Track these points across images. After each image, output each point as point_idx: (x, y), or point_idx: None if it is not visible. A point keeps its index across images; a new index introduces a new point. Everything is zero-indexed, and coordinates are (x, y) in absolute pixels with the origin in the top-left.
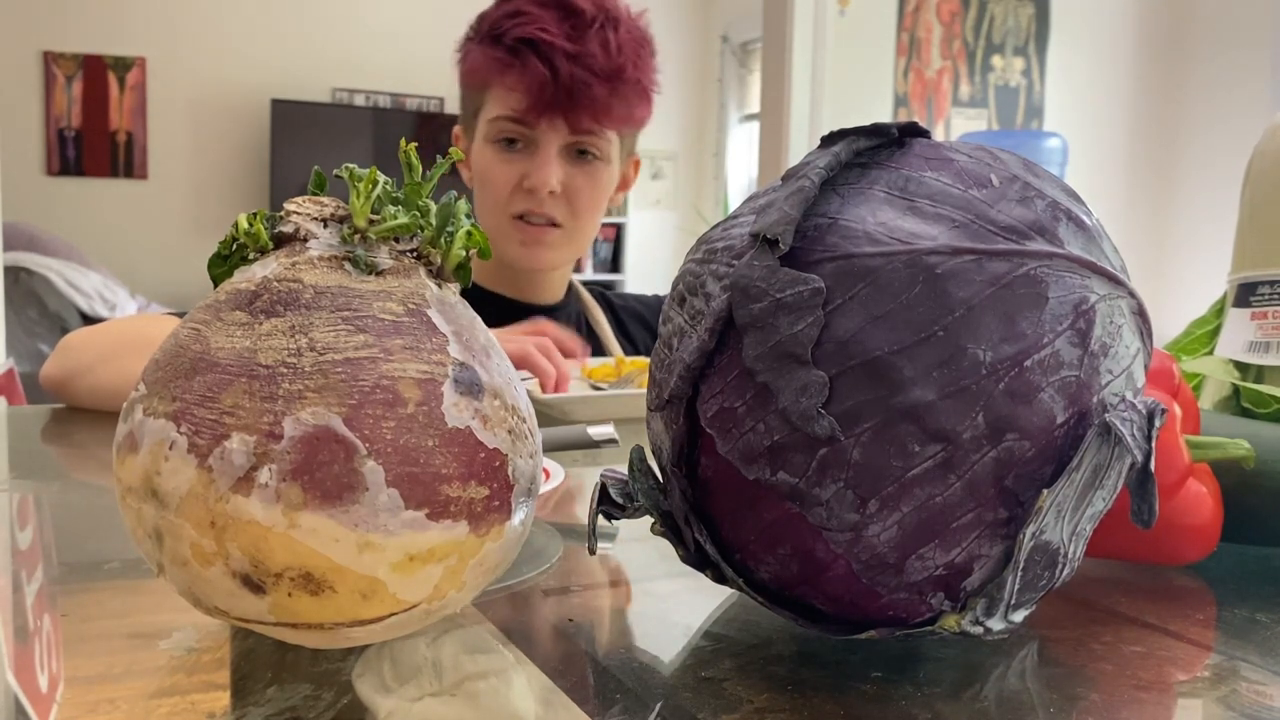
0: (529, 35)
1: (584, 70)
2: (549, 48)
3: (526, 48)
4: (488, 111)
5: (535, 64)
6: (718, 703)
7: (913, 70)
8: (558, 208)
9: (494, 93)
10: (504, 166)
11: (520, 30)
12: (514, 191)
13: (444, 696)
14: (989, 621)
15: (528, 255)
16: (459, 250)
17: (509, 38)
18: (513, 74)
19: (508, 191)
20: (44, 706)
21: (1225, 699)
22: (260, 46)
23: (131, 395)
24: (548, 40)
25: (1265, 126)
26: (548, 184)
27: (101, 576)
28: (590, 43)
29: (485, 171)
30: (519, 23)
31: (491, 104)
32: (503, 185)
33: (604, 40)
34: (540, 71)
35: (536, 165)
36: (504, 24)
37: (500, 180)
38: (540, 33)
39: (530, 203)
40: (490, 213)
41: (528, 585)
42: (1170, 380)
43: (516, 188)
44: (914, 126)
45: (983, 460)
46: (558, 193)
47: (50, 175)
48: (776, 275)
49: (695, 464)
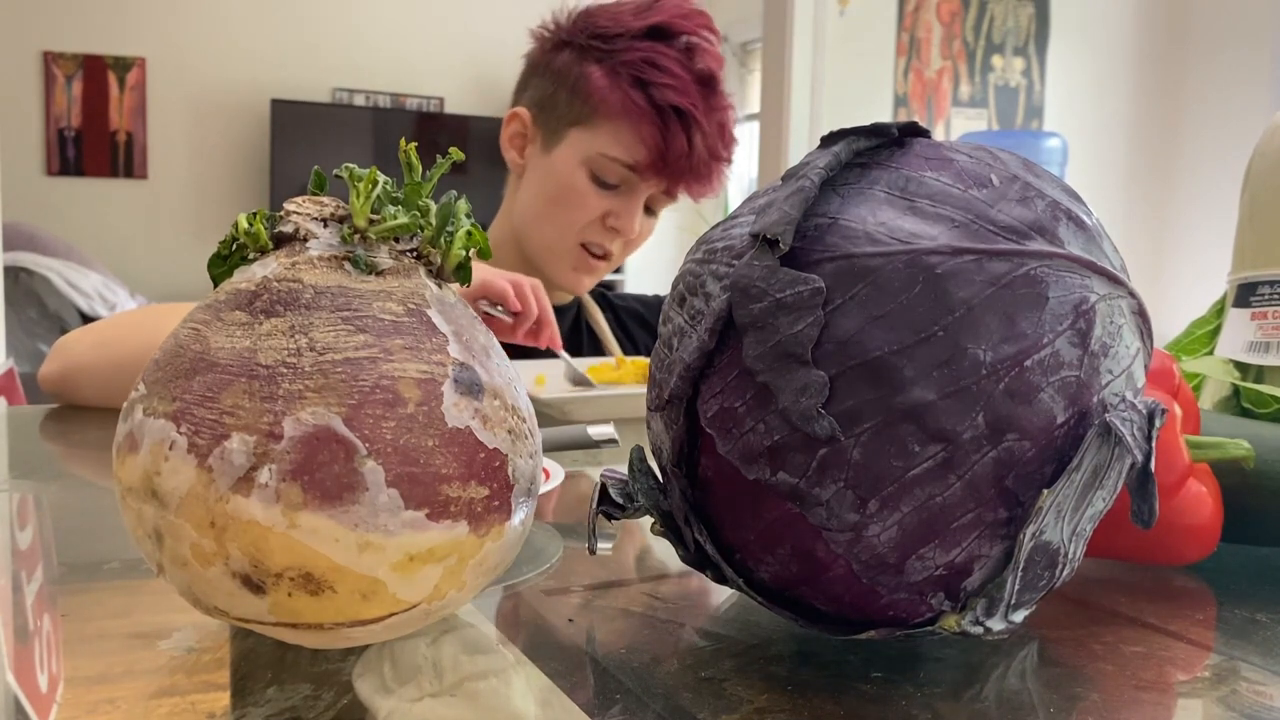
0: (682, 106)
1: (708, 152)
2: (694, 123)
3: (672, 113)
4: (598, 139)
5: (678, 134)
6: (718, 703)
7: (913, 70)
8: (615, 243)
9: (614, 129)
10: (597, 199)
11: (673, 97)
12: (594, 222)
13: (444, 697)
14: (989, 621)
15: (575, 280)
16: (459, 250)
17: (657, 95)
18: (649, 129)
19: (589, 222)
20: (44, 706)
21: (1225, 699)
22: (260, 46)
23: (131, 395)
24: (695, 116)
25: (1265, 126)
26: (633, 231)
27: (101, 576)
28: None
29: (573, 194)
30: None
31: (606, 137)
32: (590, 214)
33: (724, 122)
34: (681, 145)
35: (627, 209)
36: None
37: (590, 210)
38: (690, 105)
39: (603, 237)
40: (557, 230)
41: (528, 585)
42: (1170, 380)
43: (599, 221)
44: (914, 126)
45: (983, 460)
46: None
47: (50, 175)
48: (776, 275)
49: (695, 464)
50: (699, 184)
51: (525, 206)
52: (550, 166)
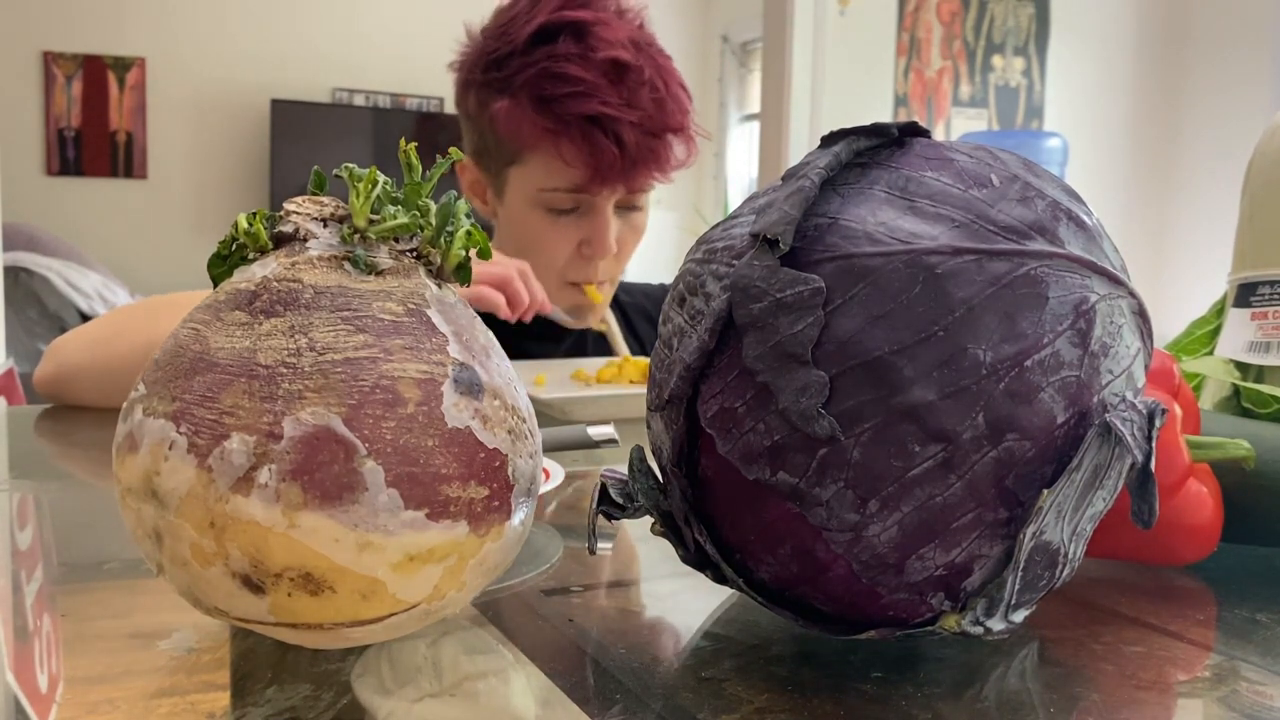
0: (592, 113)
1: (646, 135)
2: (614, 122)
3: (589, 124)
4: (533, 177)
5: (601, 141)
6: (718, 703)
7: (913, 70)
8: (608, 263)
9: (542, 158)
10: (559, 233)
11: (580, 107)
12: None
13: (443, 697)
14: (989, 621)
15: (582, 317)
16: (459, 250)
17: (564, 111)
18: (571, 149)
19: (564, 258)
20: (44, 706)
21: (1225, 699)
22: (260, 46)
23: (131, 395)
24: (612, 115)
25: (1265, 126)
26: (610, 249)
27: (101, 576)
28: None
29: (536, 239)
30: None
31: (538, 170)
32: (560, 253)
33: (657, 97)
34: (609, 150)
35: (596, 231)
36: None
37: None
38: (602, 108)
39: (588, 271)
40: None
41: (528, 585)
42: (1170, 380)
43: (574, 253)
44: (914, 126)
45: (983, 460)
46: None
47: (50, 175)
48: (776, 275)
49: (695, 464)
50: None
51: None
52: (508, 216)
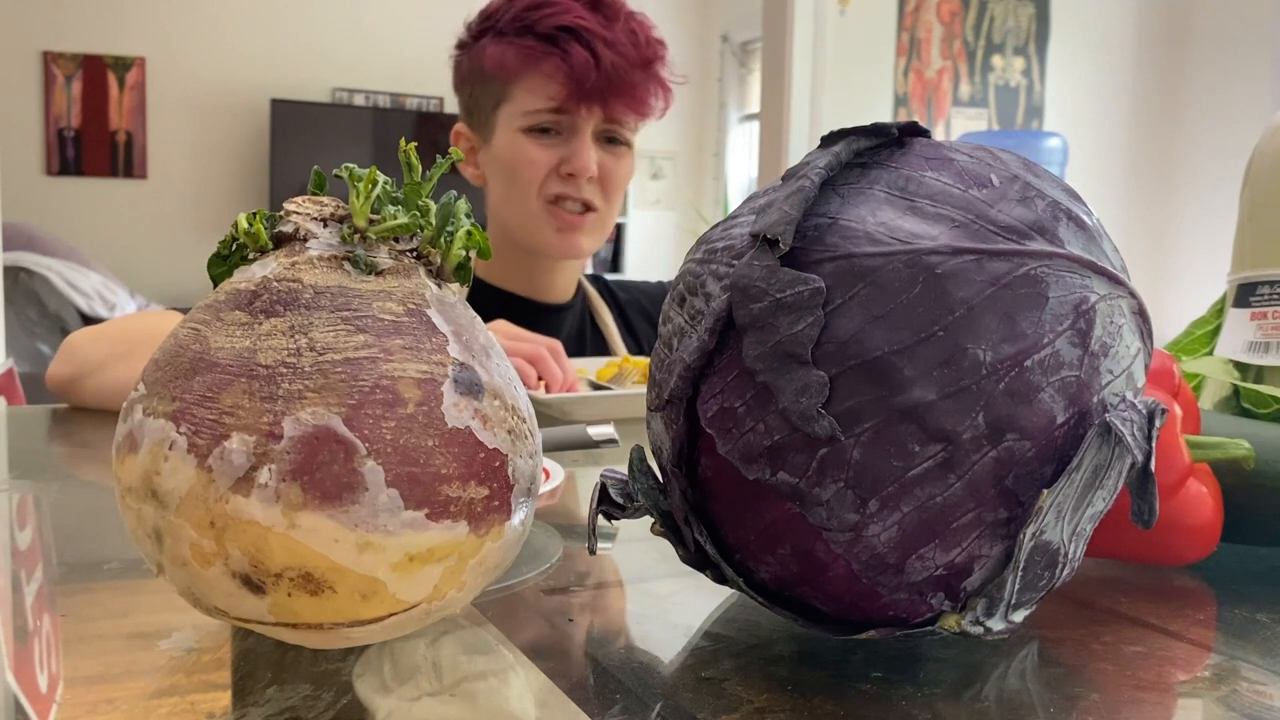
0: (568, 24)
1: (621, 58)
2: (589, 34)
3: (566, 35)
4: (518, 103)
5: (578, 51)
6: (718, 703)
7: (913, 70)
8: (593, 192)
9: (526, 83)
10: (541, 152)
11: (556, 19)
12: (550, 176)
13: (443, 697)
14: (989, 621)
15: (563, 242)
16: (459, 250)
17: (543, 27)
18: (551, 62)
19: (544, 176)
20: (44, 706)
21: (1225, 699)
22: (260, 46)
23: (131, 395)
24: (587, 28)
25: (1265, 126)
26: (589, 169)
27: (101, 576)
28: (621, 32)
29: (518, 159)
30: (551, 12)
31: (523, 95)
32: (540, 170)
33: (632, 31)
34: (584, 58)
35: (575, 151)
36: (531, 15)
37: (538, 165)
38: (579, 21)
39: (568, 187)
40: (522, 201)
41: (528, 585)
42: (1170, 380)
43: (553, 172)
44: (914, 126)
45: (983, 460)
46: (595, 177)
47: (50, 175)
48: (776, 275)
49: (695, 464)
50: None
51: (494, 199)
52: (495, 153)
